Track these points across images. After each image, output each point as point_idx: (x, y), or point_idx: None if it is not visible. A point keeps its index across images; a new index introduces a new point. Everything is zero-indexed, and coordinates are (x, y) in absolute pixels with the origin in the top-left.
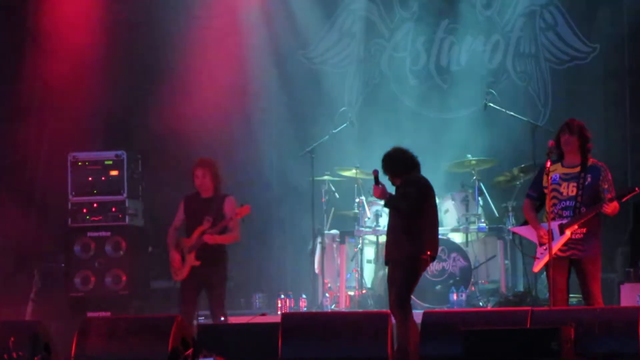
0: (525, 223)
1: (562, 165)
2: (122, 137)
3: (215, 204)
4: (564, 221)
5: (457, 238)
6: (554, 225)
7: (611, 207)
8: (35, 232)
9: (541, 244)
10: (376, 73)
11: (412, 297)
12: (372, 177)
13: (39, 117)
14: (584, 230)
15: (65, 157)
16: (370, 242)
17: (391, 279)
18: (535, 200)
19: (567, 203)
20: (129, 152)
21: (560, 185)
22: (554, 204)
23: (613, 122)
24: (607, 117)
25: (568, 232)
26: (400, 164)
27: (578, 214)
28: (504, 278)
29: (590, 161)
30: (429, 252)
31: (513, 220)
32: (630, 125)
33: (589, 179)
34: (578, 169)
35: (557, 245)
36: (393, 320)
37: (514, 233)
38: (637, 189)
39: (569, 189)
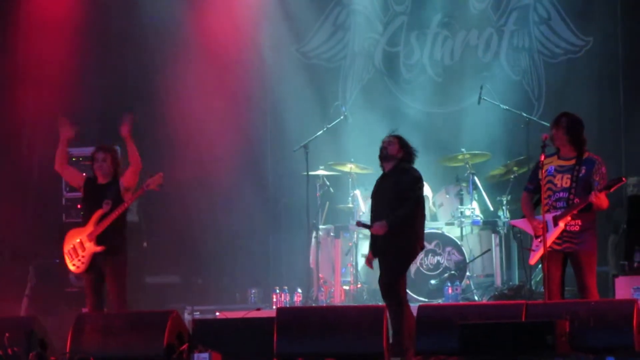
0: (524, 216)
1: (558, 158)
2: (115, 133)
3: (114, 188)
4: (558, 213)
5: (452, 232)
6: (548, 217)
7: (599, 199)
8: (29, 228)
9: (537, 237)
10: (370, 67)
11: (408, 291)
12: (367, 172)
13: (33, 114)
14: (579, 222)
15: None
16: (365, 236)
17: (385, 270)
18: (533, 192)
19: (561, 195)
20: (123, 148)
21: (554, 177)
22: (549, 196)
23: (607, 114)
24: (601, 110)
25: (562, 224)
26: (410, 150)
27: (571, 205)
28: (499, 271)
29: (586, 154)
30: (420, 244)
31: (507, 213)
32: (624, 118)
33: (583, 171)
34: (573, 161)
35: (551, 237)
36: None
37: (512, 226)
38: (624, 178)
39: (563, 181)
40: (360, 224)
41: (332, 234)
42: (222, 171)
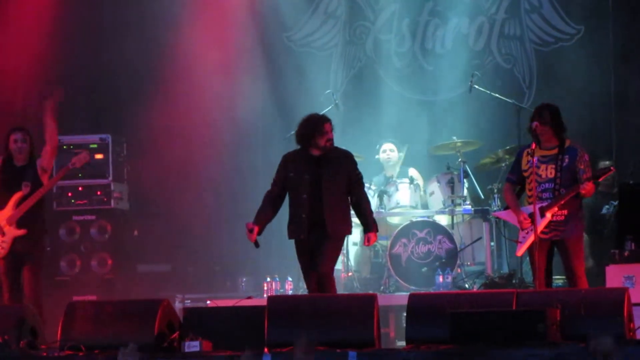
0: (508, 208)
1: (540, 148)
2: (106, 120)
3: (32, 170)
4: (544, 204)
5: (443, 220)
6: (535, 208)
7: (586, 188)
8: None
9: (522, 229)
10: (361, 55)
11: (398, 279)
12: (358, 159)
13: (22, 101)
14: (565, 212)
15: None
16: (356, 224)
17: (324, 258)
18: (515, 183)
19: (547, 185)
20: (114, 136)
21: (539, 168)
22: (534, 187)
23: (597, 103)
24: (592, 99)
25: (548, 215)
26: None
27: (557, 195)
28: (490, 260)
29: (568, 142)
30: None
31: (498, 202)
32: (615, 106)
33: (566, 160)
34: (555, 150)
35: (538, 229)
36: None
37: (497, 217)
38: (612, 168)
39: (548, 171)
40: None
41: None
42: (213, 159)
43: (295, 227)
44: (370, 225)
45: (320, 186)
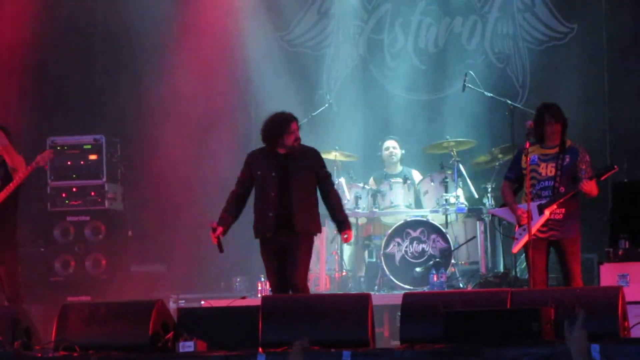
0: (504, 205)
1: (541, 147)
2: (100, 121)
3: (3, 168)
4: (543, 201)
5: (437, 219)
6: (533, 205)
7: (589, 186)
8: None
9: (520, 225)
10: (354, 55)
11: (392, 278)
12: (352, 160)
13: (17, 102)
14: (563, 211)
15: (44, 141)
16: (351, 224)
17: (298, 267)
18: (513, 181)
19: (546, 183)
20: (108, 136)
21: (538, 166)
22: (533, 185)
23: (591, 102)
24: (585, 98)
25: (547, 212)
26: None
27: (557, 194)
28: (484, 259)
29: (569, 142)
30: None
31: (492, 201)
32: (609, 105)
33: (567, 160)
34: (556, 149)
35: (535, 226)
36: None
37: (492, 215)
38: (615, 167)
39: (548, 170)
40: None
41: None
42: (206, 159)
43: (261, 225)
44: (343, 223)
45: (289, 184)
